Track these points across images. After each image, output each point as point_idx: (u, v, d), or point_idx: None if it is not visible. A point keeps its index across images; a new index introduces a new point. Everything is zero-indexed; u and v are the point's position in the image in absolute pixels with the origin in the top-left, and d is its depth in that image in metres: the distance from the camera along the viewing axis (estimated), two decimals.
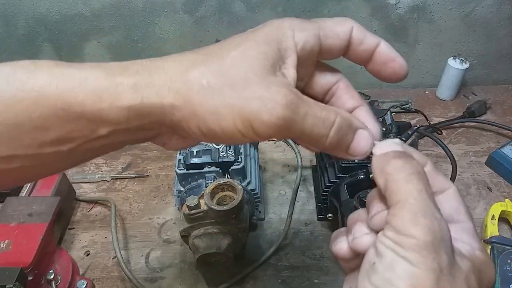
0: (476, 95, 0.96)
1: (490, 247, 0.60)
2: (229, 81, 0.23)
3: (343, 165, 0.58)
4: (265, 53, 0.24)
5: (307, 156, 0.81)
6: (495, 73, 0.99)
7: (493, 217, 0.64)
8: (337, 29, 0.27)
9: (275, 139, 0.26)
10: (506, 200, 0.67)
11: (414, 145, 0.82)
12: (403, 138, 0.63)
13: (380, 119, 0.64)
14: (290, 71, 0.25)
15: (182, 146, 0.28)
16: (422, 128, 0.76)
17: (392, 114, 0.66)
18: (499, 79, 0.99)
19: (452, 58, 0.90)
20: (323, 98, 0.30)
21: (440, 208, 0.24)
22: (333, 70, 0.30)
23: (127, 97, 0.23)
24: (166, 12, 0.89)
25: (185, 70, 0.24)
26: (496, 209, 0.65)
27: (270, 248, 0.64)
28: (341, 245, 0.27)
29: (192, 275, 0.63)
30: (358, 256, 0.27)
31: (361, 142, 0.26)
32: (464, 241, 0.25)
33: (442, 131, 0.83)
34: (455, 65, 0.89)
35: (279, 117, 0.23)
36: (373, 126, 0.28)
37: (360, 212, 0.28)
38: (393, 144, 0.27)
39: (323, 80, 0.30)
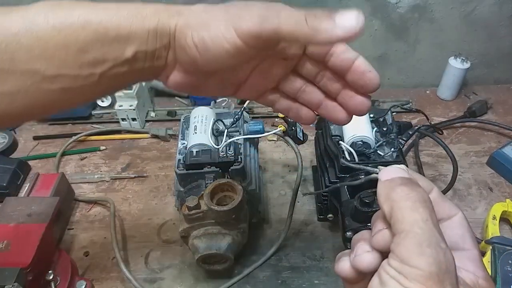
0: (477, 95, 0.96)
1: (491, 247, 0.59)
2: (223, 8, 0.29)
3: (343, 165, 0.58)
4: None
5: (307, 156, 0.80)
6: (496, 73, 0.98)
7: (494, 217, 0.64)
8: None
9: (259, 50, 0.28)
10: (507, 200, 0.67)
11: (415, 145, 0.81)
12: (404, 138, 0.63)
13: (381, 119, 0.64)
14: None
15: (181, 82, 0.32)
16: (423, 128, 0.76)
17: (393, 114, 0.66)
18: (500, 79, 0.99)
19: (453, 57, 0.90)
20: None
21: (445, 235, 0.24)
22: None
23: (148, 21, 0.29)
24: None
25: (190, 6, 0.30)
26: (497, 209, 0.65)
27: (270, 248, 0.64)
28: (344, 264, 0.28)
29: (192, 275, 0.63)
30: (362, 279, 0.27)
31: (346, 15, 0.25)
32: (468, 269, 0.25)
33: (443, 131, 0.83)
34: (456, 65, 0.89)
35: (256, 12, 0.27)
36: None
37: (364, 232, 0.28)
38: (399, 170, 0.27)
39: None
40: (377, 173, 0.27)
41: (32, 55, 0.27)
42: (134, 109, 0.88)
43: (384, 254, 0.25)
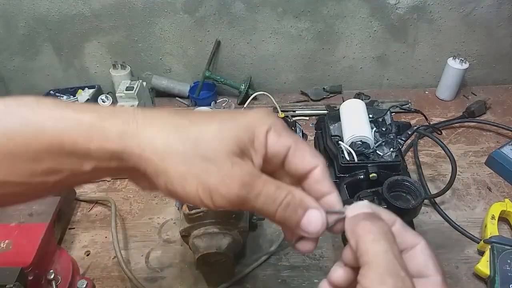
0: (475, 95, 0.96)
1: (490, 247, 0.60)
2: (201, 153, 0.27)
3: (343, 165, 0.58)
4: (240, 139, 0.27)
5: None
6: (494, 73, 0.99)
7: (493, 217, 0.64)
8: (311, 160, 0.29)
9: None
10: (506, 200, 0.67)
11: (414, 145, 0.82)
12: (403, 138, 0.63)
13: (380, 119, 0.65)
14: (257, 160, 0.28)
15: (152, 190, 0.30)
16: (422, 128, 0.76)
17: (392, 114, 0.66)
18: (499, 79, 1.00)
19: (452, 58, 0.90)
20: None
21: (409, 264, 0.26)
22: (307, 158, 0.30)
23: (114, 143, 0.26)
24: (166, 12, 0.89)
25: (168, 133, 0.27)
26: (496, 209, 0.65)
27: (270, 248, 0.65)
28: (322, 284, 0.29)
29: (192, 275, 0.63)
30: None
31: (312, 220, 0.28)
32: None
33: (442, 131, 0.83)
34: (455, 65, 0.89)
35: (234, 193, 0.26)
36: (334, 199, 0.30)
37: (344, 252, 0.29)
38: (363, 207, 0.28)
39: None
40: (344, 212, 0.29)
41: None
42: None
43: (357, 270, 0.26)
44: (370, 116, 0.64)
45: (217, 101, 0.97)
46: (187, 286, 0.62)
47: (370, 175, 0.56)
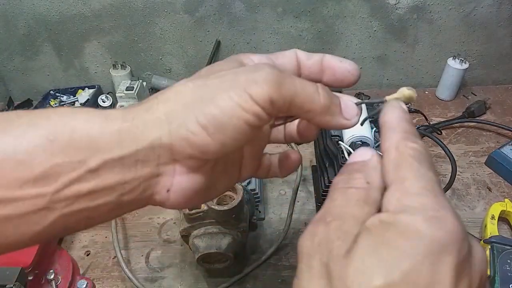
0: (475, 95, 0.96)
1: (489, 247, 0.60)
2: (212, 76, 0.23)
3: (343, 165, 0.58)
4: (231, 63, 0.26)
5: (307, 156, 0.81)
6: (494, 73, 0.99)
7: (492, 217, 0.64)
8: (284, 52, 0.28)
9: (277, 122, 0.29)
10: (506, 200, 0.67)
11: None
12: None
13: None
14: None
15: (187, 187, 0.24)
16: (422, 128, 0.76)
17: None
18: (499, 79, 1.00)
19: (451, 58, 0.90)
20: None
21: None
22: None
23: (118, 120, 0.22)
24: (166, 12, 0.89)
25: (168, 89, 0.24)
26: (495, 209, 0.65)
27: (270, 248, 0.65)
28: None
29: (192, 275, 0.63)
30: None
31: (349, 103, 0.26)
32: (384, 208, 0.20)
33: (442, 131, 0.83)
34: (454, 65, 0.89)
35: (271, 72, 0.22)
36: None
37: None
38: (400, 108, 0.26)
39: None
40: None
41: None
42: None
43: None
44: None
45: None
46: (187, 286, 0.62)
47: None
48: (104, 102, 0.95)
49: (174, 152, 0.22)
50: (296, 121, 0.30)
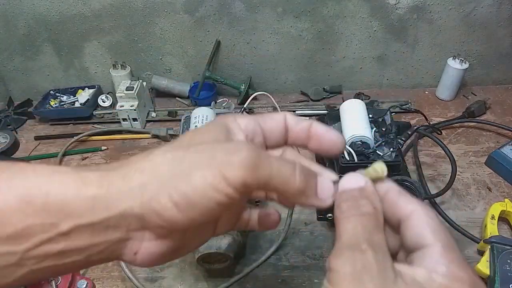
0: (475, 95, 0.96)
1: (490, 247, 0.60)
2: (192, 149, 0.24)
3: (343, 165, 0.58)
4: (216, 130, 0.26)
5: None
6: (494, 73, 0.99)
7: (492, 217, 0.64)
8: (273, 115, 0.29)
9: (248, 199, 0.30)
10: (506, 200, 0.67)
11: (413, 145, 0.82)
12: (403, 138, 0.64)
13: (380, 119, 0.65)
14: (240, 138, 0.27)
15: (153, 253, 0.25)
16: (422, 128, 0.76)
17: (392, 114, 0.66)
18: (499, 79, 1.00)
19: (451, 58, 0.90)
20: None
21: (406, 234, 0.24)
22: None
23: (92, 187, 0.22)
24: (166, 12, 0.90)
25: (144, 157, 0.24)
26: (495, 209, 0.65)
27: (270, 248, 0.65)
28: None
29: (192, 275, 0.63)
30: None
31: (325, 184, 0.26)
32: (424, 266, 0.23)
33: (442, 131, 0.83)
34: (454, 65, 0.89)
35: (248, 154, 0.23)
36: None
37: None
38: (355, 180, 0.26)
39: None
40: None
41: None
42: (135, 109, 0.88)
43: None
44: (370, 116, 0.64)
45: (217, 101, 0.97)
46: (187, 286, 0.62)
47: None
48: (104, 102, 0.95)
49: (144, 221, 0.23)
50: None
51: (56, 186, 0.22)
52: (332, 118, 0.67)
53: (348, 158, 0.59)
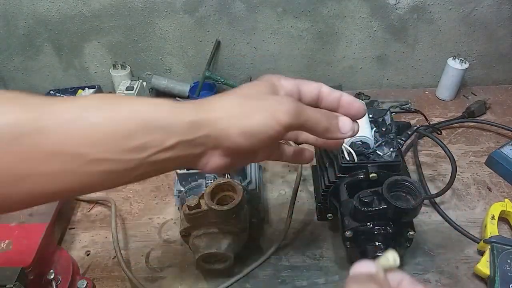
0: (475, 95, 0.96)
1: (489, 247, 0.60)
2: (253, 98, 0.35)
3: (343, 165, 0.58)
4: (265, 85, 0.36)
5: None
6: (494, 73, 0.99)
7: (492, 217, 0.64)
8: (311, 83, 0.38)
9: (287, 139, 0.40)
10: (506, 200, 0.67)
11: (413, 145, 0.82)
12: (403, 138, 0.63)
13: (380, 119, 0.65)
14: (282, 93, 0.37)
15: (218, 165, 0.35)
16: (422, 128, 0.76)
17: (392, 114, 0.66)
18: (499, 79, 1.00)
19: (451, 58, 0.90)
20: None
21: None
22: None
23: (189, 114, 0.32)
24: (166, 12, 0.89)
25: (223, 98, 0.35)
26: (495, 209, 0.65)
27: (270, 248, 0.65)
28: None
29: (192, 275, 0.63)
30: None
31: (345, 121, 0.37)
32: None
33: (442, 131, 0.83)
34: (454, 65, 0.89)
35: (292, 105, 0.33)
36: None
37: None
38: (368, 266, 0.30)
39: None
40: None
41: (81, 140, 0.29)
42: None
43: None
44: (370, 116, 0.64)
45: None
46: (187, 286, 0.62)
47: (370, 175, 0.56)
48: None
49: (218, 143, 0.33)
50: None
51: (165, 114, 0.32)
52: None
53: (348, 158, 0.59)
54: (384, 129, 0.63)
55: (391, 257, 0.29)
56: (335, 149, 0.57)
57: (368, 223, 0.54)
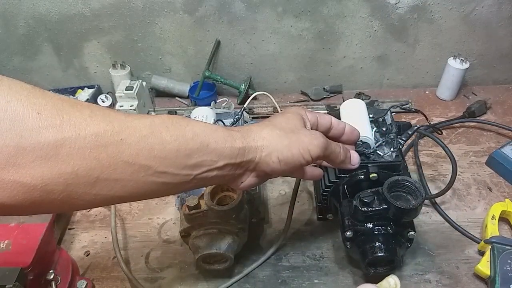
0: (476, 95, 0.96)
1: (490, 247, 0.60)
2: (287, 130, 0.43)
3: None
4: (297, 118, 0.45)
5: None
6: (495, 73, 0.99)
7: (493, 217, 0.64)
8: (325, 116, 0.49)
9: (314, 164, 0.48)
10: (506, 200, 0.67)
11: (414, 145, 0.82)
12: (403, 138, 0.63)
13: (380, 119, 0.64)
14: (308, 126, 0.47)
15: (251, 184, 0.44)
16: (422, 128, 0.76)
17: (392, 114, 0.66)
18: (499, 79, 0.99)
19: (452, 58, 0.90)
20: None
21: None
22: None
23: (238, 142, 0.40)
24: (166, 12, 0.89)
25: (265, 128, 0.43)
26: (496, 209, 0.65)
27: (270, 248, 0.64)
28: None
29: (192, 275, 0.63)
30: None
31: (355, 156, 0.50)
32: None
33: (442, 131, 0.83)
34: (455, 65, 0.89)
35: (322, 141, 0.43)
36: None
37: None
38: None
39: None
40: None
41: (151, 154, 0.34)
42: (135, 109, 0.88)
43: None
44: (371, 116, 0.64)
45: (217, 101, 0.97)
46: (187, 287, 0.62)
47: (371, 175, 0.56)
48: (103, 102, 0.95)
49: (258, 167, 0.42)
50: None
51: (220, 139, 0.38)
52: None
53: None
54: (384, 129, 0.62)
55: (392, 281, 0.29)
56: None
57: (368, 223, 0.54)
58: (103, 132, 0.32)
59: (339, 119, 0.66)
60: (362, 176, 0.57)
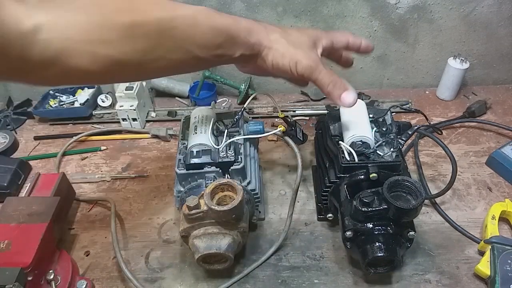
0: (476, 95, 0.96)
1: (490, 247, 0.60)
2: (291, 43, 0.50)
3: (343, 165, 0.58)
4: (308, 40, 0.52)
5: (307, 156, 0.81)
6: (495, 73, 0.99)
7: (493, 217, 0.64)
8: (341, 34, 0.57)
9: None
10: (506, 200, 0.67)
11: (414, 145, 0.82)
12: (403, 138, 0.63)
13: (380, 119, 0.64)
14: (319, 51, 0.53)
15: (253, 70, 0.54)
16: (422, 128, 0.76)
17: (392, 114, 0.66)
18: (499, 79, 0.99)
19: (452, 58, 0.90)
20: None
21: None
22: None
23: (253, 39, 0.48)
24: None
25: (276, 33, 0.50)
26: (496, 209, 0.65)
27: (270, 248, 0.64)
28: None
29: (192, 275, 0.63)
30: None
31: (349, 97, 0.52)
32: None
33: (442, 131, 0.83)
34: (455, 65, 0.89)
35: (310, 65, 0.49)
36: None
37: None
38: None
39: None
40: None
41: (194, 41, 0.44)
42: (134, 109, 0.88)
43: None
44: (371, 116, 0.64)
45: (217, 101, 0.97)
46: (187, 287, 0.62)
47: (371, 175, 0.56)
48: (103, 102, 0.94)
49: (261, 51, 0.49)
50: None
51: (242, 34, 0.47)
52: (332, 118, 0.67)
53: (348, 158, 0.58)
54: (384, 129, 0.62)
55: None
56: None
57: (369, 223, 0.54)
58: (162, 18, 0.41)
59: (339, 119, 0.66)
60: (362, 176, 0.57)
